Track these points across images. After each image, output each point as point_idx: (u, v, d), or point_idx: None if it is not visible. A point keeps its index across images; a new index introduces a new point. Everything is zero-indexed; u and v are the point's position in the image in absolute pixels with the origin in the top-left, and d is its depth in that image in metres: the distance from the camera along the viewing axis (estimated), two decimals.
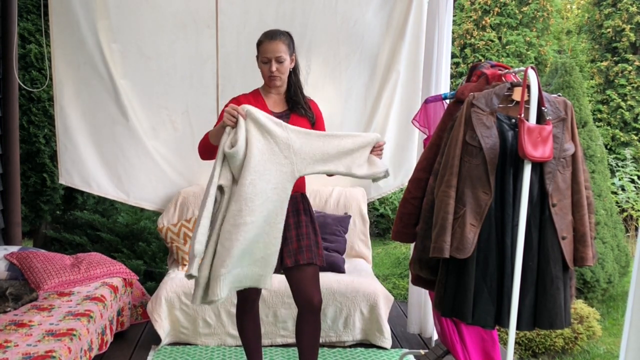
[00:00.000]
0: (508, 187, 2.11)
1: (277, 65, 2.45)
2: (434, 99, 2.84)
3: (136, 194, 3.96)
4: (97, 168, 3.86)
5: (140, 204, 4.01)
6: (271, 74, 2.47)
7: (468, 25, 8.63)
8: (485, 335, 2.63)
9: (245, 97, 2.57)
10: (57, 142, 3.82)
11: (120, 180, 3.91)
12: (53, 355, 2.28)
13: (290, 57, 2.51)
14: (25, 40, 4.91)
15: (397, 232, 2.47)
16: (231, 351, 3.30)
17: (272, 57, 2.44)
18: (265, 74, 2.50)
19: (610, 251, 4.61)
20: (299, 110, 2.54)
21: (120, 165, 3.89)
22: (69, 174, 3.82)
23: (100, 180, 3.87)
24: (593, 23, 8.63)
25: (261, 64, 2.49)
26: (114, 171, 3.89)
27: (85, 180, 3.85)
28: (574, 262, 2.15)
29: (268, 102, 2.56)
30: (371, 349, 3.38)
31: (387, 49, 3.95)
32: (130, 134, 3.86)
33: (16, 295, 2.90)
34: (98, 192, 3.91)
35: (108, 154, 3.87)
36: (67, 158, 3.81)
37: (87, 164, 3.83)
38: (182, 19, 3.79)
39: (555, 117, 2.14)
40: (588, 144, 4.71)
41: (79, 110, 3.79)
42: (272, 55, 2.44)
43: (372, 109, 4.06)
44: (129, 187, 3.93)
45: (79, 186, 3.88)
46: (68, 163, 3.81)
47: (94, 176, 3.86)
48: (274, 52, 2.44)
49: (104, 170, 3.87)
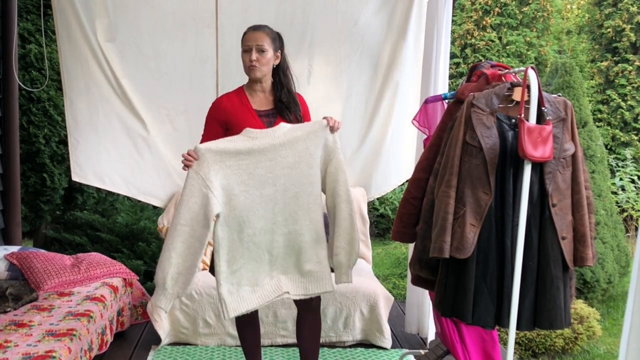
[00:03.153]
0: (508, 187, 2.11)
1: (257, 55, 2.43)
2: (434, 99, 2.84)
3: (146, 189, 3.92)
4: (109, 163, 3.80)
5: (150, 200, 3.99)
6: (251, 62, 2.45)
7: (468, 26, 8.63)
8: (485, 335, 2.63)
9: (227, 98, 2.55)
10: (69, 138, 3.73)
11: (133, 174, 3.86)
12: (53, 356, 2.28)
13: (275, 52, 2.49)
14: (25, 40, 4.90)
15: (397, 232, 2.47)
16: (231, 351, 3.30)
17: (252, 44, 2.43)
18: (245, 64, 2.48)
19: (610, 251, 4.61)
20: (286, 116, 2.51)
21: (133, 159, 3.84)
22: (82, 169, 3.75)
23: (114, 176, 3.81)
24: (593, 23, 8.62)
25: (243, 54, 2.48)
26: (127, 166, 3.84)
27: (99, 176, 3.78)
28: (574, 262, 2.15)
29: (252, 101, 2.53)
30: (371, 349, 3.38)
31: (388, 49, 3.95)
32: (140, 128, 3.84)
33: (16, 295, 2.90)
34: (111, 188, 3.87)
35: (121, 148, 3.82)
36: (80, 153, 3.75)
37: (100, 159, 3.77)
38: (181, 19, 3.78)
39: (555, 117, 2.14)
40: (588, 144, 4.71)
41: (91, 104, 3.74)
42: (253, 43, 2.43)
43: (373, 108, 4.06)
44: (140, 182, 3.88)
45: (92, 182, 3.81)
46: (81, 158, 3.74)
47: (108, 171, 3.79)
48: (255, 40, 2.43)
49: (117, 164, 3.82)
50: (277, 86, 2.54)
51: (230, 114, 2.50)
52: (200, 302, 3.32)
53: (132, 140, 3.84)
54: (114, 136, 3.81)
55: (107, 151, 3.80)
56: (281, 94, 2.53)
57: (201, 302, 3.32)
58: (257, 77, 2.50)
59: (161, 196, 4.00)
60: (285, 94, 2.53)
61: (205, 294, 3.31)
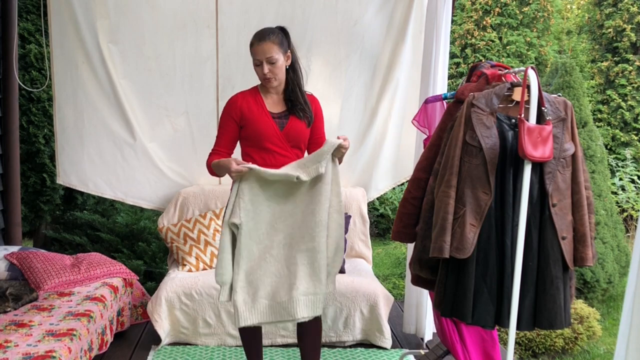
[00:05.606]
0: (508, 187, 2.11)
1: (270, 67, 2.44)
2: (434, 99, 2.84)
3: (134, 193, 3.98)
4: (94, 168, 3.87)
5: (138, 203, 4.03)
6: (264, 76, 2.46)
7: (469, 26, 8.63)
8: (485, 335, 2.63)
9: (243, 97, 2.55)
10: (55, 142, 3.84)
11: (118, 180, 3.92)
12: (53, 356, 2.28)
13: (285, 54, 2.48)
14: (25, 40, 4.91)
15: (397, 232, 2.47)
16: (231, 351, 3.30)
17: (262, 58, 2.43)
18: (260, 77, 2.50)
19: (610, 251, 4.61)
20: (297, 113, 2.53)
21: (119, 165, 3.90)
22: (66, 174, 3.86)
23: (98, 181, 3.89)
24: (593, 23, 8.62)
25: (255, 66, 2.49)
26: (112, 171, 3.91)
27: (82, 180, 3.88)
28: (574, 262, 2.15)
29: (267, 102, 2.55)
30: (371, 349, 3.38)
31: (388, 49, 3.95)
32: (127, 135, 3.86)
33: (16, 295, 2.90)
34: (95, 192, 3.94)
35: (106, 154, 3.88)
36: (65, 158, 3.84)
37: (84, 165, 3.86)
38: (182, 19, 3.78)
39: (555, 117, 2.14)
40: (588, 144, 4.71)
41: (77, 111, 3.80)
42: (262, 57, 2.43)
43: (372, 108, 4.06)
44: (127, 186, 3.95)
45: (76, 186, 3.91)
46: (66, 164, 3.85)
47: (91, 176, 3.88)
48: (264, 54, 2.43)
49: (102, 170, 3.89)
50: (289, 85, 2.55)
51: (245, 114, 2.51)
52: (200, 302, 3.32)
53: (118, 146, 3.88)
54: (98, 143, 3.86)
55: (90, 158, 3.86)
56: (291, 93, 2.54)
57: (201, 302, 3.32)
58: (274, 87, 2.52)
59: (152, 198, 4.02)
60: (295, 92, 2.54)
61: (206, 294, 3.31)
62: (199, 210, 3.89)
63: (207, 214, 3.79)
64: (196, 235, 3.67)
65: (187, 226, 3.73)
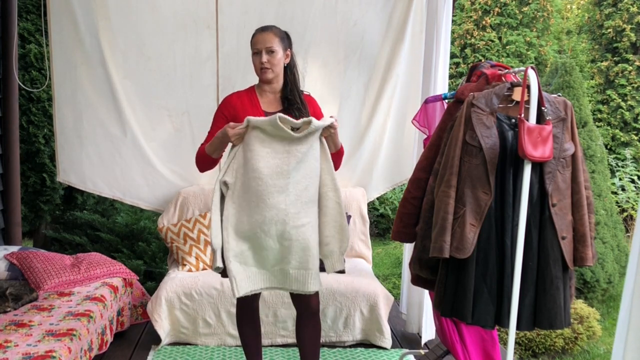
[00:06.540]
0: (508, 187, 2.11)
1: (268, 57, 2.43)
2: (434, 99, 2.84)
3: (132, 193, 3.99)
4: (93, 168, 3.89)
5: (137, 203, 4.05)
6: (262, 65, 2.44)
7: (468, 26, 8.63)
8: (485, 335, 2.63)
9: (238, 96, 2.55)
10: (55, 142, 3.86)
11: (116, 179, 3.94)
12: (53, 355, 2.28)
13: (285, 51, 2.48)
14: (25, 40, 4.91)
15: (397, 232, 2.47)
16: (231, 351, 3.30)
17: (262, 47, 2.43)
18: (256, 67, 2.48)
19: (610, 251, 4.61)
20: (293, 112, 2.49)
21: (117, 165, 3.92)
22: (66, 172, 3.89)
23: (96, 180, 3.92)
24: (593, 23, 8.62)
25: (253, 56, 2.48)
26: (111, 171, 3.93)
27: (81, 179, 3.91)
28: (573, 262, 2.15)
29: (262, 101, 2.53)
30: (371, 349, 3.38)
31: (387, 50, 3.95)
32: (126, 135, 3.87)
33: (16, 295, 2.90)
34: (94, 191, 3.97)
35: (105, 154, 3.90)
36: (64, 158, 3.87)
37: (84, 164, 3.88)
38: (182, 19, 3.79)
39: (555, 117, 2.14)
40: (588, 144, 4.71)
41: (76, 111, 3.81)
42: (262, 46, 2.42)
43: (371, 109, 4.06)
44: (125, 186, 3.96)
45: (75, 185, 3.94)
46: (65, 162, 3.87)
47: (90, 176, 3.91)
48: (264, 43, 2.42)
49: (101, 170, 3.91)
50: (287, 85, 2.53)
51: (238, 112, 2.50)
52: (200, 302, 3.32)
53: (116, 147, 3.90)
54: (96, 144, 3.88)
55: (88, 158, 3.89)
56: (288, 92, 2.52)
57: (201, 302, 3.32)
58: (269, 79, 2.49)
59: (150, 199, 4.04)
60: (293, 92, 2.52)
61: (206, 294, 3.31)
62: (199, 210, 3.89)
63: (207, 214, 3.79)
64: (196, 235, 3.68)
65: (187, 226, 3.73)
